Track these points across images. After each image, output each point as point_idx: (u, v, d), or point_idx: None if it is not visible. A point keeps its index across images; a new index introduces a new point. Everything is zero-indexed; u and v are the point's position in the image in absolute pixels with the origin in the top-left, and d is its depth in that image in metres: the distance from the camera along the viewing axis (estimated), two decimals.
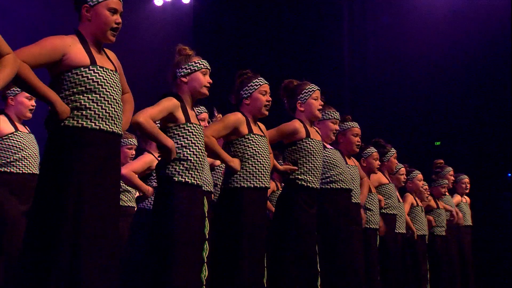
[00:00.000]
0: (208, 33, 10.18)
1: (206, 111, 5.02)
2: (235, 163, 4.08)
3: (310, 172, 4.53)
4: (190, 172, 3.62)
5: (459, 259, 7.60)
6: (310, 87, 4.69)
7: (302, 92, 4.66)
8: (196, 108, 4.73)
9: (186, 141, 3.63)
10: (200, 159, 3.67)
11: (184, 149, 3.63)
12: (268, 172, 4.17)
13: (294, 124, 4.59)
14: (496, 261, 9.52)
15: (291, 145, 4.59)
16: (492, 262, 9.46)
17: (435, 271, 7.01)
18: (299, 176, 4.51)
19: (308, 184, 4.52)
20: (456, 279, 7.39)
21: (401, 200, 6.54)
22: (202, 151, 3.72)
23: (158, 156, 3.93)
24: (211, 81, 3.81)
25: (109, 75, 3.25)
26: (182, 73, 3.76)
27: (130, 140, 5.55)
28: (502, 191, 9.80)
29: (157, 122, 4.28)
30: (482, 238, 8.84)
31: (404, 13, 10.63)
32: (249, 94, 4.23)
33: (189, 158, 3.62)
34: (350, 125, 5.40)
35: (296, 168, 4.51)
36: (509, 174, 9.96)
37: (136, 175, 4.74)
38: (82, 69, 3.16)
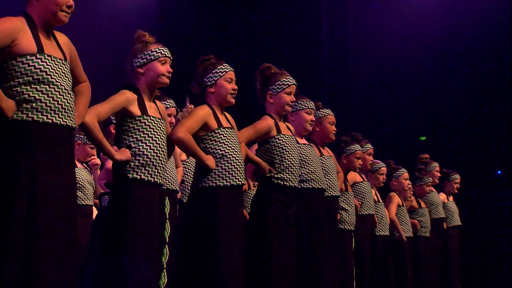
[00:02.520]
0: (177, 20, 10.09)
1: (174, 105, 4.97)
2: (211, 161, 3.99)
3: (287, 170, 4.49)
4: (147, 168, 3.54)
5: (443, 261, 7.63)
6: (286, 80, 4.59)
7: (276, 83, 4.59)
8: (163, 101, 4.69)
9: (142, 135, 3.56)
10: (159, 155, 3.60)
11: (140, 144, 3.55)
12: (242, 168, 4.11)
13: (268, 122, 4.53)
14: (483, 261, 9.61)
15: (264, 144, 4.55)
16: (479, 263, 9.54)
17: (417, 274, 7.03)
18: (275, 175, 4.47)
19: (285, 183, 4.48)
20: (437, 282, 7.42)
21: (380, 200, 6.55)
22: (161, 145, 3.63)
23: None
24: (171, 70, 3.73)
25: (57, 64, 3.17)
26: (138, 64, 3.69)
27: None
28: (492, 190, 9.88)
29: (112, 118, 4.22)
30: (469, 238, 8.90)
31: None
32: (213, 82, 4.13)
33: (145, 153, 3.54)
34: (325, 113, 5.37)
35: (274, 170, 4.47)
36: (499, 172, 10.04)
37: None
38: (28, 57, 3.08)
